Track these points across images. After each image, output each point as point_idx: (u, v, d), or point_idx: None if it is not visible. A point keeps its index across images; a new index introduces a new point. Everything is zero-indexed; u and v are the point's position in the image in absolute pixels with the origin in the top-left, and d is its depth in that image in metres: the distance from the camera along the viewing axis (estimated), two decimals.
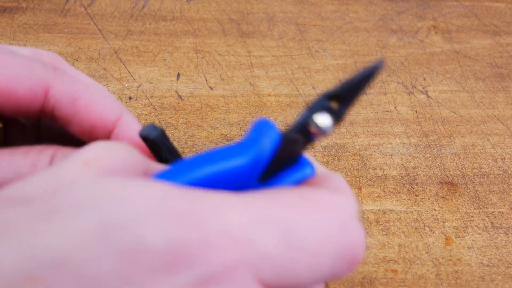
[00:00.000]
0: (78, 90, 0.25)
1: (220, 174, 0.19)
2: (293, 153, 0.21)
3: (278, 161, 0.20)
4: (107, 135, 0.26)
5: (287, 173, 0.21)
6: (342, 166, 0.36)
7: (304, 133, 0.20)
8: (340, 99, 0.20)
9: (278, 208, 0.18)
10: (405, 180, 0.36)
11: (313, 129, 0.20)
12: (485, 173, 0.37)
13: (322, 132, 0.20)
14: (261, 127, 0.20)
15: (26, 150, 0.24)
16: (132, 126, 0.27)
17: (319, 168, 0.22)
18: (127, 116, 0.27)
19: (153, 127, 0.25)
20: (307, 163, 0.22)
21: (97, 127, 0.26)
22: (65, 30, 0.45)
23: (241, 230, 0.17)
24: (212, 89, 0.41)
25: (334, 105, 0.20)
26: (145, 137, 0.25)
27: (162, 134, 0.25)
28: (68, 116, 0.25)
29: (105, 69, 0.42)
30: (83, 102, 0.25)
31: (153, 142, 0.25)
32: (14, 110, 0.25)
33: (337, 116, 0.20)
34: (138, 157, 0.20)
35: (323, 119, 0.20)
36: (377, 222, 0.33)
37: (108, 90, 0.40)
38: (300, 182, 0.21)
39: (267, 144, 0.20)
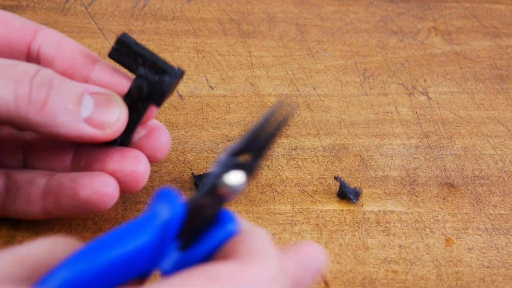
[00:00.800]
0: (63, 36, 0.29)
1: (121, 258, 0.18)
2: (206, 217, 0.20)
3: (191, 227, 0.20)
4: (86, 74, 0.28)
5: (210, 234, 0.20)
6: (343, 167, 0.36)
7: (214, 195, 0.20)
8: (250, 151, 0.20)
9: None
10: (406, 181, 0.36)
11: (223, 190, 0.20)
12: (486, 174, 0.37)
13: (234, 191, 0.20)
14: (163, 198, 0.19)
15: (17, 61, 0.26)
16: (110, 69, 0.29)
17: (242, 224, 0.21)
18: (103, 61, 0.30)
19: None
20: (230, 220, 0.21)
21: (77, 64, 0.28)
22: (66, 29, 0.45)
23: None
24: (212, 89, 0.41)
25: (244, 158, 0.20)
26: (118, 42, 0.27)
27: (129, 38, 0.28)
28: (52, 54, 0.28)
29: None
30: (67, 43, 0.29)
31: (123, 42, 0.27)
32: (7, 40, 0.28)
33: (250, 170, 0.20)
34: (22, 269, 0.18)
35: (232, 178, 0.19)
36: (377, 223, 0.33)
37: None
38: (223, 242, 0.20)
39: (168, 217, 0.19)
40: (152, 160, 0.30)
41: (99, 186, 0.27)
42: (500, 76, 0.44)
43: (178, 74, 0.28)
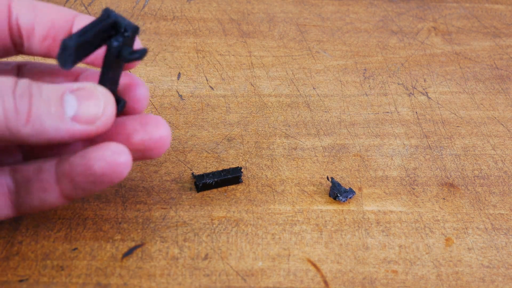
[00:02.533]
0: (35, 1, 0.29)
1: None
2: None
3: None
4: (67, 31, 0.29)
5: None
6: (343, 167, 0.36)
7: None
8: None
9: None
10: (406, 181, 0.36)
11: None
12: (486, 174, 0.37)
13: None
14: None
15: None
16: (89, 19, 0.29)
17: None
18: (82, 15, 0.29)
19: None
20: None
21: (57, 23, 0.28)
22: None
23: None
24: (212, 89, 0.41)
25: None
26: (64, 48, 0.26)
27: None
28: (31, 21, 0.28)
29: None
30: (41, 6, 0.29)
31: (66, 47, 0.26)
32: None
33: None
34: None
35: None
36: (377, 222, 0.33)
37: None
38: None
39: None
40: (133, 113, 0.30)
41: (112, 156, 0.26)
42: (500, 76, 0.44)
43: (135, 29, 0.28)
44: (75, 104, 0.26)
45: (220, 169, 0.35)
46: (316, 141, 0.38)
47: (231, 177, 0.34)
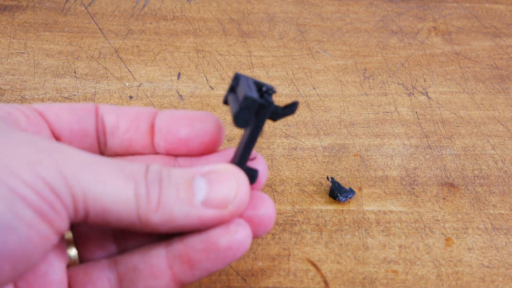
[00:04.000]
0: (115, 106, 0.29)
1: None
2: None
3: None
4: (151, 121, 0.28)
5: None
6: (343, 167, 0.36)
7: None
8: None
9: None
10: (406, 181, 0.36)
11: None
12: (486, 174, 0.37)
13: None
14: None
15: (126, 161, 0.25)
16: (171, 113, 0.28)
17: None
18: (164, 111, 0.28)
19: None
20: None
21: (140, 116, 0.28)
22: (66, 29, 0.45)
23: None
24: (212, 88, 0.41)
25: None
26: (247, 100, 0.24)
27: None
28: (115, 116, 0.28)
29: (105, 68, 0.42)
30: (125, 107, 0.28)
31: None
32: (79, 125, 0.27)
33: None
34: None
35: None
36: (377, 222, 0.33)
37: (109, 89, 0.40)
38: None
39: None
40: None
41: (236, 229, 0.25)
42: (500, 76, 0.44)
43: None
44: (205, 188, 0.24)
45: None
46: (316, 141, 0.38)
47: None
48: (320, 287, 0.30)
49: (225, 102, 0.27)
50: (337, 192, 0.34)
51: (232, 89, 0.26)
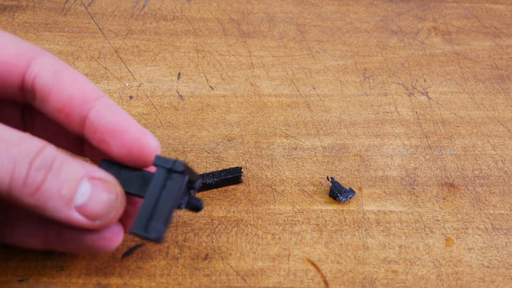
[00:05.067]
0: (61, 65, 0.26)
1: None
2: None
3: None
4: (84, 114, 0.26)
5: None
6: (343, 167, 0.36)
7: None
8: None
9: None
10: (406, 181, 0.36)
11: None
12: (486, 174, 0.37)
13: None
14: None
15: (21, 137, 0.24)
16: (112, 106, 0.26)
17: None
18: (106, 98, 0.27)
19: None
20: None
21: (75, 101, 0.26)
22: (66, 29, 0.45)
23: None
24: (212, 89, 0.41)
25: None
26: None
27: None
28: (48, 87, 0.26)
29: (105, 68, 0.42)
30: (65, 75, 0.26)
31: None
32: None
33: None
34: None
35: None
36: (377, 222, 0.33)
37: (109, 89, 0.40)
38: None
39: None
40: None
41: (109, 233, 0.26)
42: (500, 76, 0.44)
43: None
44: (87, 195, 0.25)
45: (220, 169, 0.35)
46: (316, 141, 0.38)
47: (231, 177, 0.34)
48: (320, 287, 0.30)
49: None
50: (337, 192, 0.34)
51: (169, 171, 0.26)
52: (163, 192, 0.25)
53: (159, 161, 0.26)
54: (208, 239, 0.32)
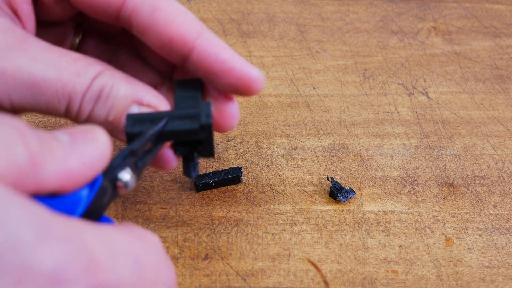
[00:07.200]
0: (158, 2, 0.25)
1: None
2: (102, 204, 0.22)
3: (92, 210, 0.22)
4: (184, 53, 0.25)
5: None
6: (343, 167, 0.36)
7: (112, 185, 0.22)
8: (138, 154, 0.23)
9: (128, 240, 0.19)
10: (406, 181, 0.36)
11: (119, 184, 0.22)
12: (486, 174, 0.37)
13: (126, 187, 0.22)
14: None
15: (77, 58, 0.24)
16: (214, 44, 0.26)
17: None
18: (208, 32, 0.26)
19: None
20: (108, 220, 0.23)
21: (175, 42, 0.25)
22: None
23: (108, 259, 0.18)
24: None
25: (134, 159, 0.23)
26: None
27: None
28: (146, 25, 0.25)
29: None
30: (163, 13, 0.25)
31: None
32: (94, 5, 0.25)
33: (138, 171, 0.23)
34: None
35: (125, 175, 0.22)
36: (377, 222, 0.33)
37: None
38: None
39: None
40: (221, 130, 0.28)
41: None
42: (500, 76, 0.44)
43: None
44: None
45: (220, 169, 0.35)
46: (316, 141, 0.38)
47: (231, 177, 0.34)
48: (320, 287, 0.30)
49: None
50: (337, 192, 0.34)
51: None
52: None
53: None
54: (208, 239, 0.32)
